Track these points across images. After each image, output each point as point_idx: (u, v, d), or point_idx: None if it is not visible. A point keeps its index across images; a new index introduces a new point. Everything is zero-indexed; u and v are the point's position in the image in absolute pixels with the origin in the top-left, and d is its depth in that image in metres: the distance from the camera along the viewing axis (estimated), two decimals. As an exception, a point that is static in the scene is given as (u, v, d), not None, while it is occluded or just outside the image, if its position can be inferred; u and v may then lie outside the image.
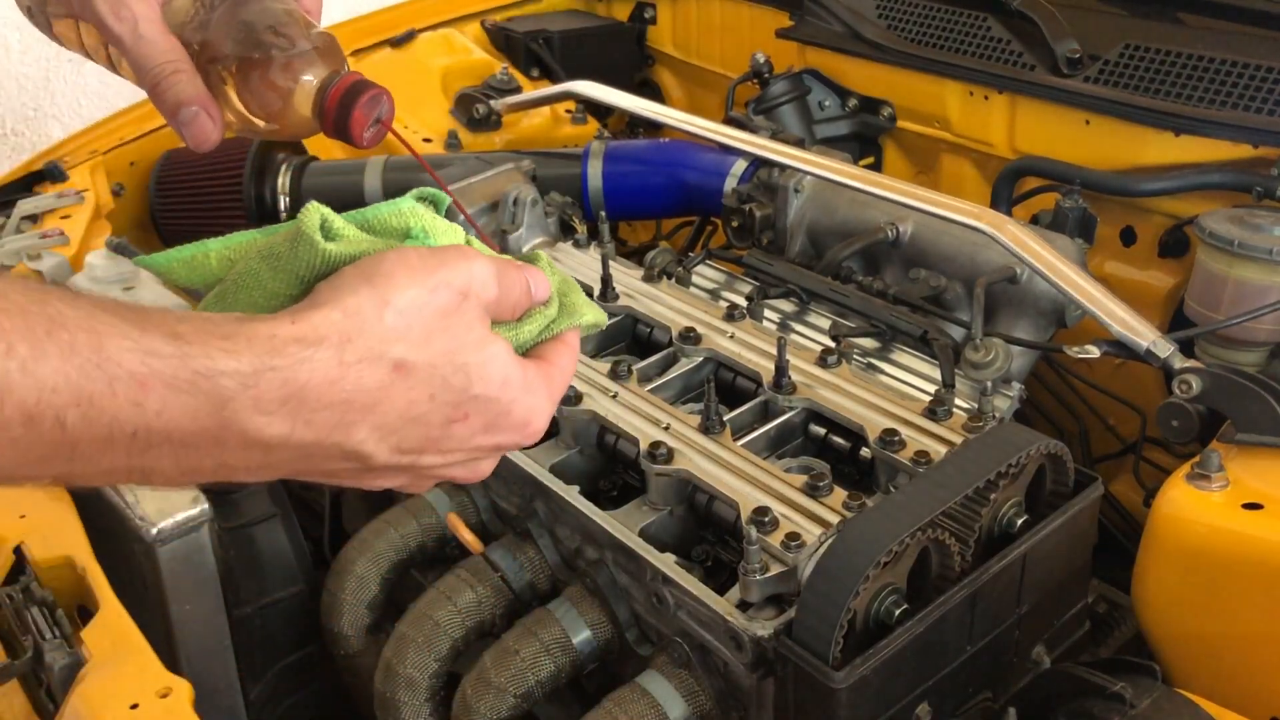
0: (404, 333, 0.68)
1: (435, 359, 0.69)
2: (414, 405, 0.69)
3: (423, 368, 0.69)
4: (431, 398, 0.70)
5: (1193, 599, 1.19)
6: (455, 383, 0.70)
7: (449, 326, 0.71)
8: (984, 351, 1.38)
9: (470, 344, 0.71)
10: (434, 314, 0.70)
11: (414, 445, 0.71)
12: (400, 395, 0.69)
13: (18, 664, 1.20)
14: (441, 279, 0.71)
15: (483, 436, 0.74)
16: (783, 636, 1.01)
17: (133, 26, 0.91)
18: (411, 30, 2.54)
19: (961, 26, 1.95)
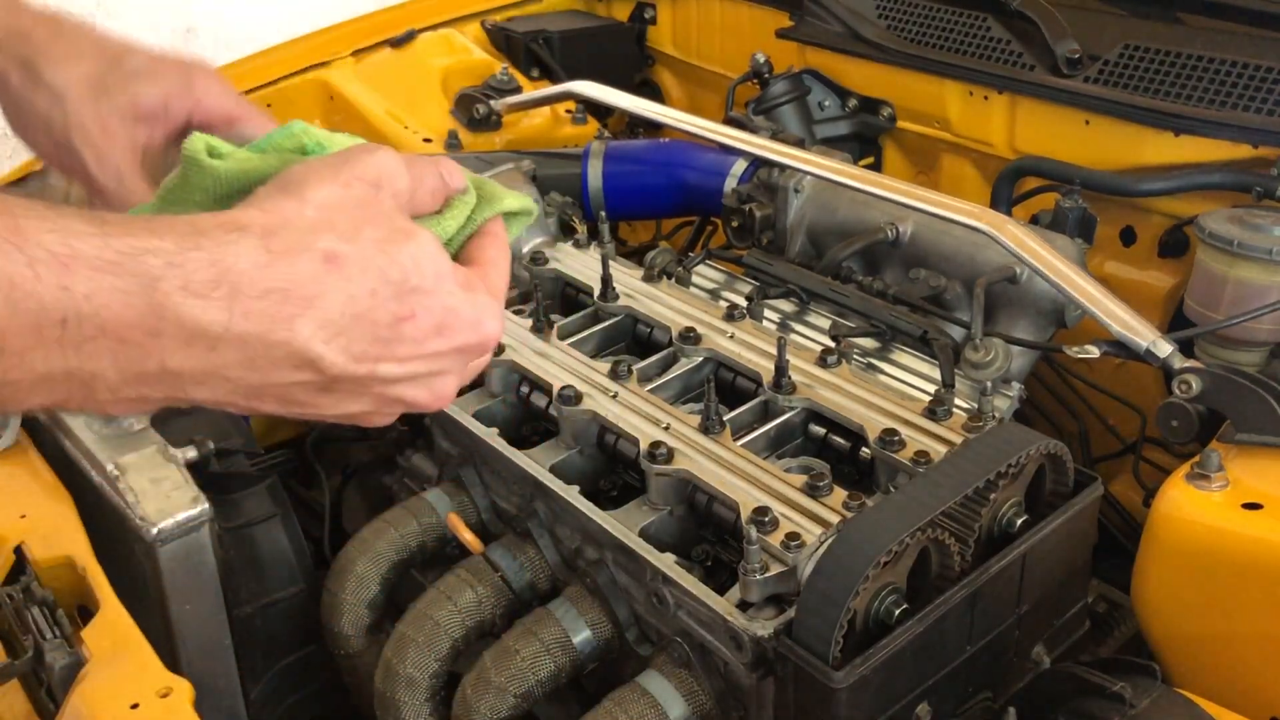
0: (328, 225, 0.68)
1: (365, 250, 0.68)
2: (355, 300, 0.68)
3: (354, 259, 0.68)
4: (373, 293, 0.68)
5: (1192, 599, 1.19)
6: (392, 275, 0.69)
7: (371, 217, 0.70)
8: (984, 351, 1.38)
9: (397, 233, 0.71)
10: (354, 206, 0.70)
11: (366, 348, 0.69)
12: (338, 288, 0.67)
13: (18, 664, 1.20)
14: (352, 173, 0.72)
15: (436, 340, 0.72)
16: (783, 636, 1.01)
17: (116, 178, 0.94)
18: (412, 30, 2.54)
19: (961, 27, 1.95)
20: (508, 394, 1.42)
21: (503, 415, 1.41)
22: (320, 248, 0.67)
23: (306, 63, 2.44)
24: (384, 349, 0.70)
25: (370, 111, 2.33)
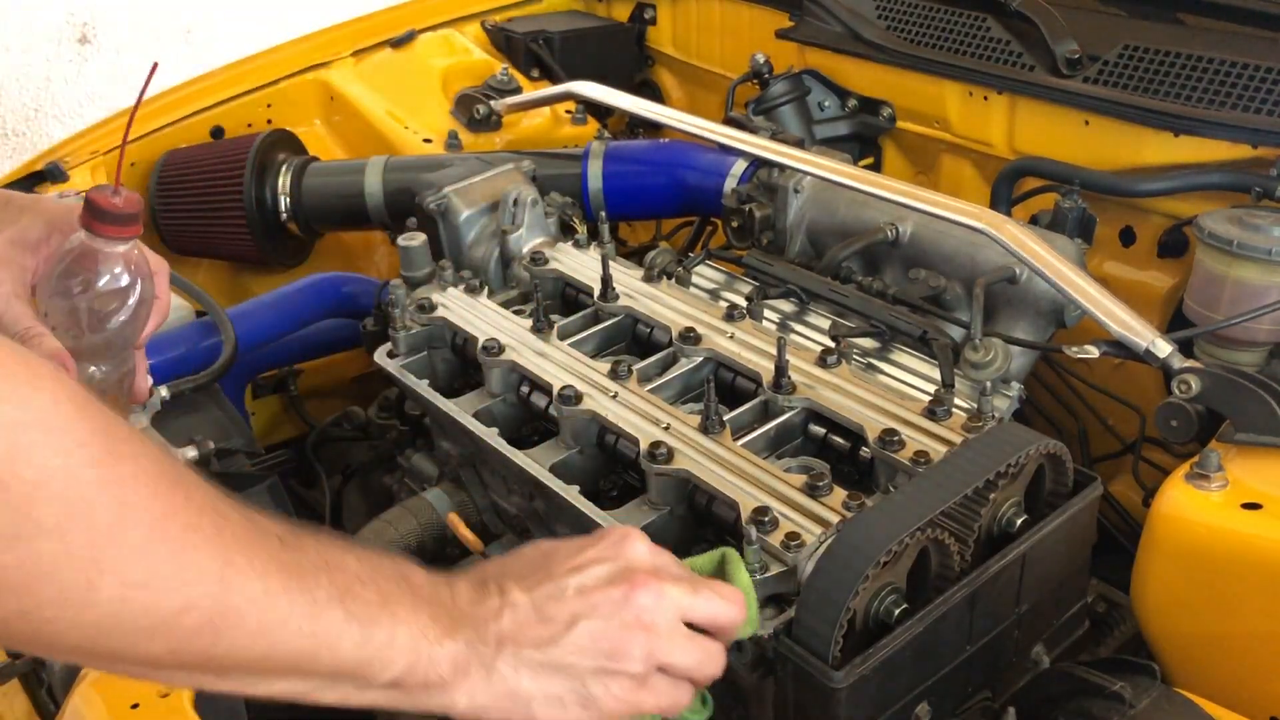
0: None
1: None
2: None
3: None
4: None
5: (1192, 599, 1.19)
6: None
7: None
8: (983, 351, 1.38)
9: None
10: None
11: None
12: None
13: (19, 664, 1.21)
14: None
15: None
16: (782, 636, 1.01)
17: (4, 300, 1.07)
18: (412, 31, 2.55)
19: (961, 27, 1.95)
20: (508, 394, 1.42)
21: (503, 415, 1.41)
22: None
23: (306, 63, 2.44)
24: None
25: (370, 111, 2.34)
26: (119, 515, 0.65)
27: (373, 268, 2.33)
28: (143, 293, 1.12)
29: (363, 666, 0.78)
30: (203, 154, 2.23)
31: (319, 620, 0.75)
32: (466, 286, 1.57)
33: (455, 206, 1.68)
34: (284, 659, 0.74)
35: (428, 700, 0.83)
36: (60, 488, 0.62)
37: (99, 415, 0.66)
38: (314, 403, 2.07)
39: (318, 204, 2.13)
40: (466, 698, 0.84)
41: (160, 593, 0.67)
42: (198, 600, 0.68)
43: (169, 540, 0.68)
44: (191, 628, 0.68)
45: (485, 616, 0.86)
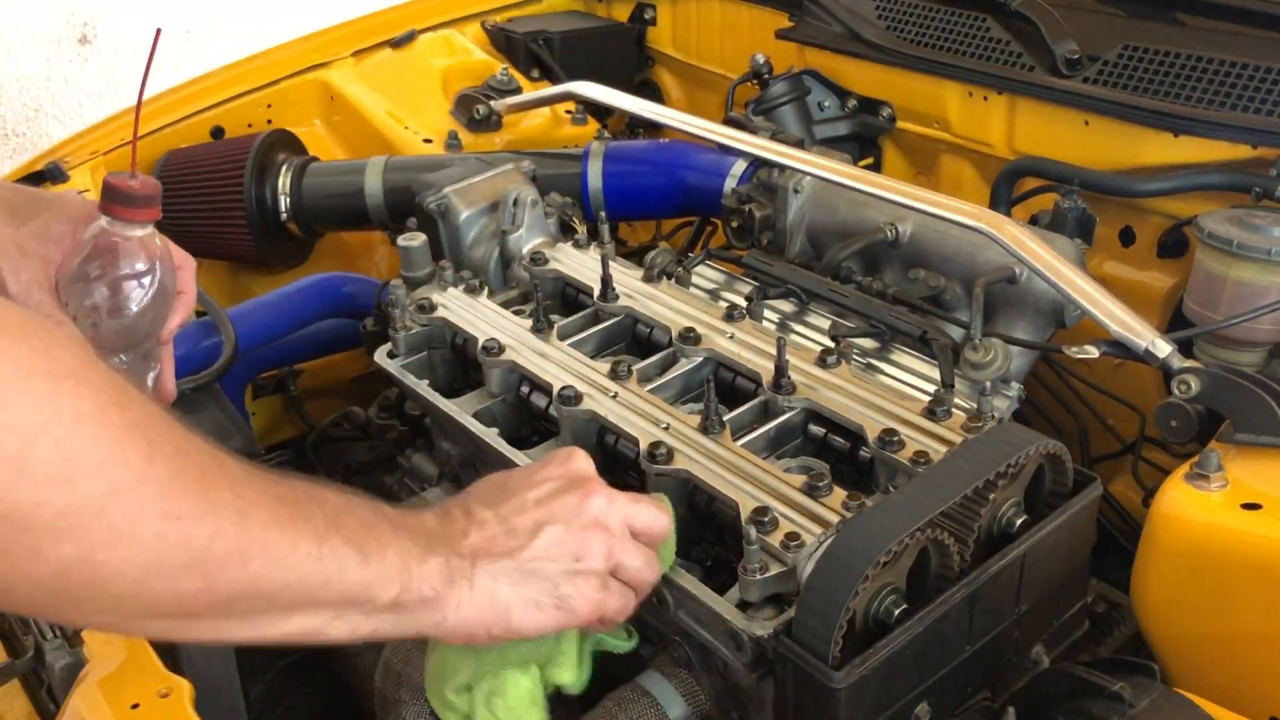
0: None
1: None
2: None
3: None
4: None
5: (1191, 599, 1.20)
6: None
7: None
8: (983, 352, 1.39)
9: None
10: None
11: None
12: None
13: (19, 664, 1.21)
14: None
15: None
16: (782, 636, 1.01)
17: (28, 290, 1.10)
18: (412, 31, 2.55)
19: (961, 27, 1.95)
20: (508, 394, 1.42)
21: (503, 415, 1.41)
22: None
23: (306, 63, 2.44)
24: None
25: (370, 112, 2.34)
26: (148, 453, 0.69)
27: (373, 268, 2.33)
28: (163, 281, 1.13)
29: (366, 589, 0.83)
30: (203, 154, 2.23)
31: (323, 545, 0.79)
32: (466, 286, 1.57)
33: (455, 206, 1.68)
34: (298, 588, 0.78)
35: (423, 618, 0.88)
36: (97, 427, 0.67)
37: (104, 370, 0.71)
38: (314, 403, 2.07)
39: (318, 204, 2.13)
40: (454, 612, 0.89)
41: (191, 522, 0.71)
42: (223, 528, 0.73)
43: (190, 473, 0.72)
44: (220, 556, 0.72)
45: (456, 535, 0.93)
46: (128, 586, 0.70)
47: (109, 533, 0.67)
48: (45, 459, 0.64)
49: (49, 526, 0.65)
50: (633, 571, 1.00)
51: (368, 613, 0.84)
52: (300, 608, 0.80)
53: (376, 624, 0.86)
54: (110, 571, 0.68)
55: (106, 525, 0.67)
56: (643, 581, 1.01)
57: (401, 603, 0.86)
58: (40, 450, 0.64)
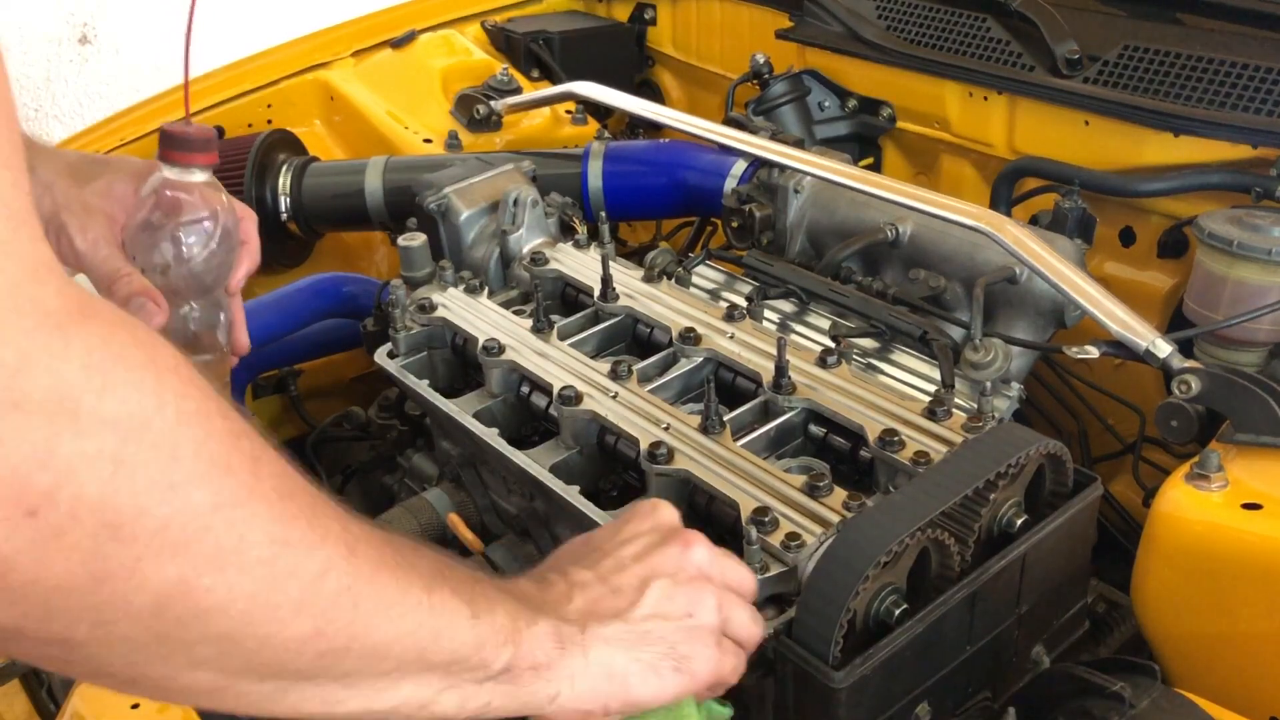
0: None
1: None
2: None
3: None
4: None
5: (1192, 599, 1.20)
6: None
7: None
8: (983, 352, 1.38)
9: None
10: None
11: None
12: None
13: (19, 664, 1.21)
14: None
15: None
16: (782, 636, 1.01)
17: (95, 247, 1.13)
18: (412, 31, 2.55)
19: (961, 27, 1.95)
20: (508, 394, 1.42)
21: (503, 415, 1.41)
22: None
23: (306, 63, 2.44)
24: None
25: (370, 112, 2.34)
26: (254, 469, 0.62)
27: (373, 268, 2.33)
28: (227, 227, 1.15)
29: (479, 649, 0.74)
30: (203, 154, 2.22)
31: (432, 594, 0.72)
32: (466, 287, 1.57)
33: (455, 206, 1.68)
34: (408, 641, 0.70)
35: (538, 691, 0.79)
36: (202, 431, 0.59)
37: (200, 373, 0.63)
38: (314, 403, 2.07)
39: (318, 204, 2.13)
40: (569, 684, 0.80)
41: (302, 551, 0.63)
42: (335, 561, 0.65)
43: (300, 497, 0.65)
44: (331, 595, 0.65)
45: (558, 599, 0.85)
46: (232, 625, 0.61)
47: (215, 552, 0.59)
48: (146, 460, 0.56)
49: (152, 540, 0.56)
50: (740, 627, 0.92)
51: (480, 680, 0.75)
52: (410, 671, 0.71)
53: (489, 696, 0.76)
54: (215, 603, 0.59)
55: (213, 543, 0.59)
56: (752, 638, 0.94)
57: (514, 669, 0.77)
58: (141, 450, 0.56)
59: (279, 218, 2.15)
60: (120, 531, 0.55)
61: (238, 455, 0.61)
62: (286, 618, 0.63)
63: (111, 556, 0.55)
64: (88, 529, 0.54)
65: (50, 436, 0.52)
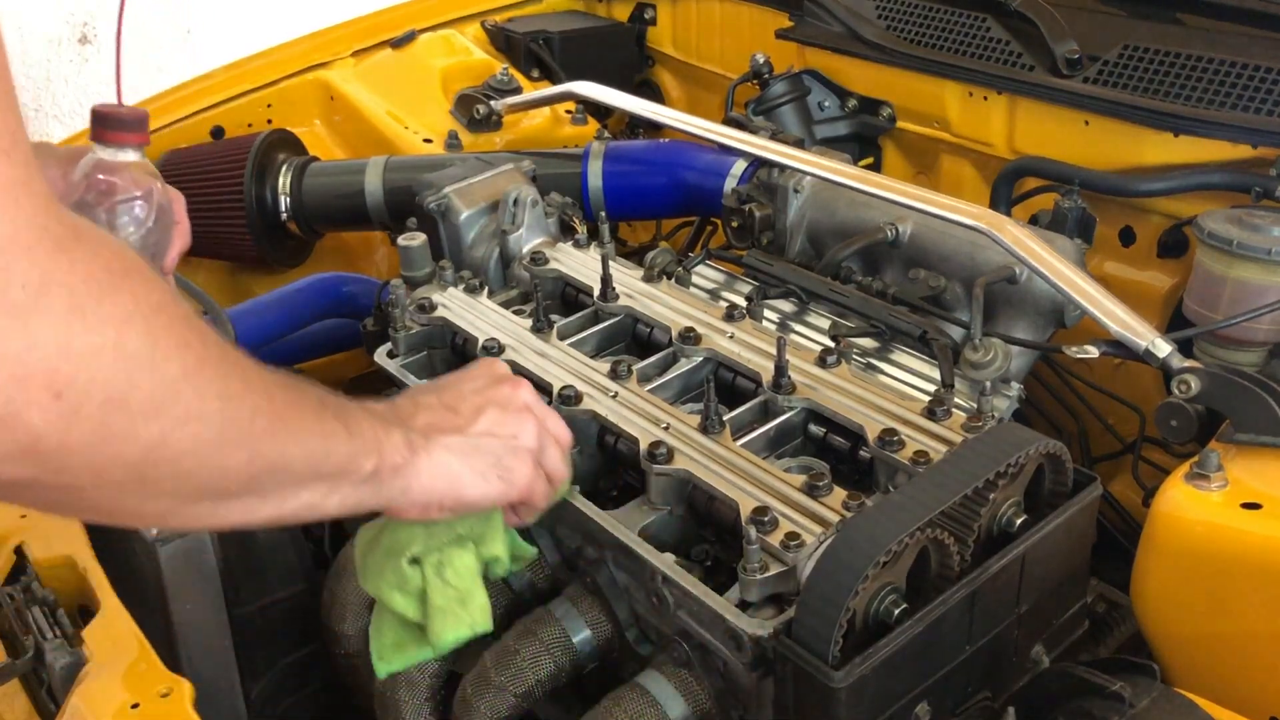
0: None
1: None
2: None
3: None
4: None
5: (1191, 599, 1.19)
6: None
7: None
8: (983, 351, 1.38)
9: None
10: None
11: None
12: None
13: (19, 663, 1.21)
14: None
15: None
16: (782, 636, 1.01)
17: None
18: (412, 31, 2.55)
19: (961, 27, 1.95)
20: (508, 394, 1.42)
21: (503, 415, 1.41)
22: None
23: (306, 63, 2.44)
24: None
25: (370, 111, 2.34)
26: (203, 341, 0.77)
27: (373, 268, 2.33)
28: (161, 207, 1.16)
29: (354, 459, 0.92)
30: (203, 154, 2.22)
31: (322, 421, 0.89)
32: (466, 286, 1.57)
33: (455, 206, 1.68)
34: (308, 459, 0.87)
35: (393, 486, 0.96)
36: (169, 317, 0.74)
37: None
38: (314, 403, 2.07)
39: (318, 204, 2.13)
40: (417, 479, 0.98)
41: (239, 401, 0.79)
42: (260, 405, 0.82)
43: (231, 359, 0.80)
44: (259, 431, 0.81)
45: (408, 416, 1.02)
46: (193, 464, 0.77)
47: (184, 411, 0.75)
48: (135, 345, 0.71)
49: (142, 407, 0.71)
50: (552, 461, 1.11)
51: (355, 483, 0.92)
52: (307, 481, 0.88)
53: (361, 495, 0.94)
54: (183, 449, 0.75)
55: (182, 405, 0.74)
56: (559, 474, 1.13)
57: (379, 472, 0.94)
58: (131, 338, 0.71)
59: (279, 218, 2.15)
60: (120, 403, 0.70)
61: (191, 333, 0.76)
62: (230, 451, 0.80)
63: (114, 423, 0.70)
64: (97, 403, 0.69)
65: (68, 335, 0.67)
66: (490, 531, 1.09)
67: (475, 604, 1.07)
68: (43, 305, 0.65)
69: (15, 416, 0.65)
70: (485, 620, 1.08)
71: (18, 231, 0.64)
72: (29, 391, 0.65)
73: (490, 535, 1.09)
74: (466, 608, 1.07)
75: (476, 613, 1.07)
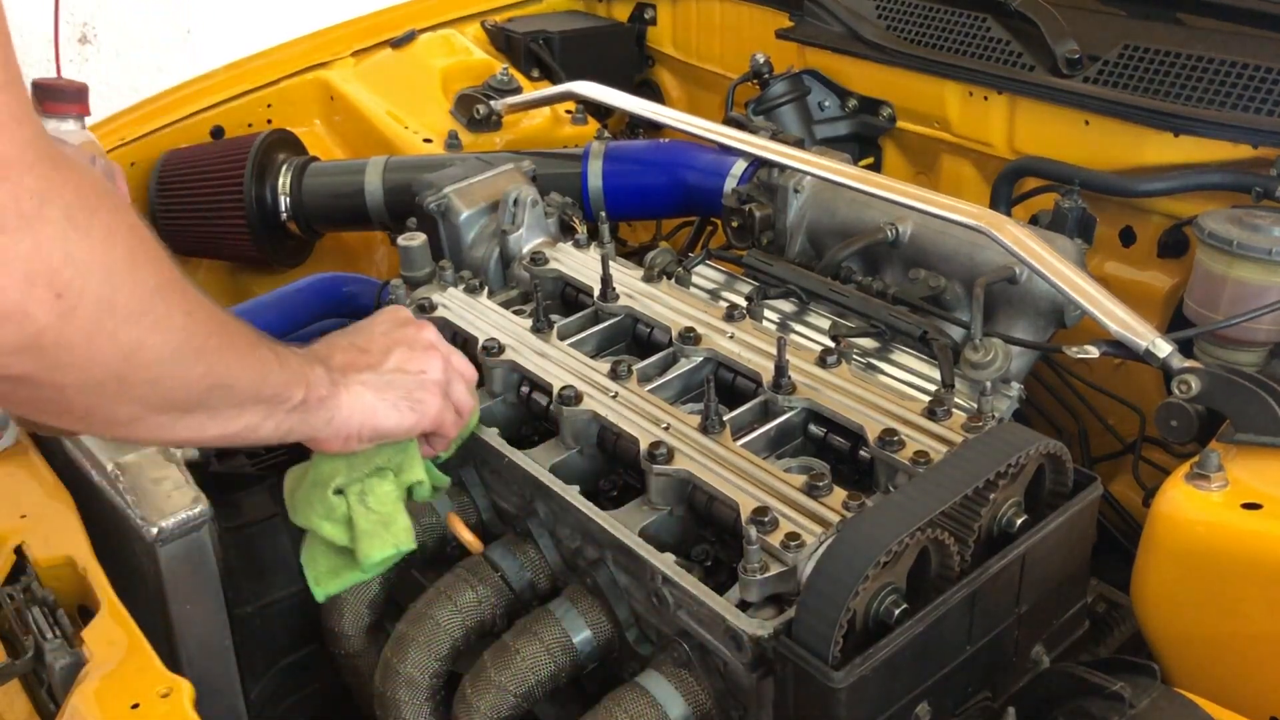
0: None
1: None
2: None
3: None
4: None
5: (1192, 599, 1.19)
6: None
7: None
8: (983, 352, 1.38)
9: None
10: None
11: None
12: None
13: (19, 664, 1.21)
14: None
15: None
16: (782, 636, 1.01)
17: None
18: (412, 31, 2.54)
19: (961, 27, 1.95)
20: (508, 394, 1.42)
21: (503, 415, 1.41)
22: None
23: (306, 63, 2.44)
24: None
25: (370, 111, 2.34)
26: (169, 262, 0.86)
27: (373, 268, 2.33)
28: (105, 173, 1.24)
29: (286, 387, 1.01)
30: (203, 154, 2.22)
31: (258, 350, 0.98)
32: (466, 286, 1.57)
33: (455, 206, 1.68)
34: (249, 381, 0.97)
35: (318, 417, 1.06)
36: (142, 238, 0.83)
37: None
38: (314, 403, 2.07)
39: (318, 204, 2.13)
40: (339, 411, 1.08)
41: (200, 317, 0.88)
42: (215, 325, 0.91)
43: (187, 286, 0.88)
44: (215, 347, 0.91)
45: (325, 355, 1.11)
46: (160, 370, 0.86)
47: (155, 320, 0.83)
48: (119, 256, 0.79)
49: (125, 311, 0.80)
50: (459, 394, 1.21)
51: (287, 411, 1.02)
52: (249, 403, 0.98)
53: (291, 423, 1.03)
54: (154, 356, 0.84)
55: (155, 314, 0.83)
56: (465, 405, 1.23)
57: (307, 401, 1.03)
58: (117, 250, 0.79)
59: (279, 217, 2.15)
60: (109, 305, 0.78)
61: (160, 253, 0.85)
62: (190, 363, 0.89)
63: (103, 323, 0.79)
64: (90, 304, 0.77)
65: (66, 243, 0.75)
66: (407, 460, 1.19)
67: (398, 526, 1.17)
68: (46, 215, 0.73)
69: (23, 312, 0.73)
70: (408, 539, 1.17)
71: (23, 151, 0.72)
72: (35, 289, 0.73)
73: (408, 464, 1.19)
74: (390, 529, 1.16)
75: (400, 534, 1.17)
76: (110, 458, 1.32)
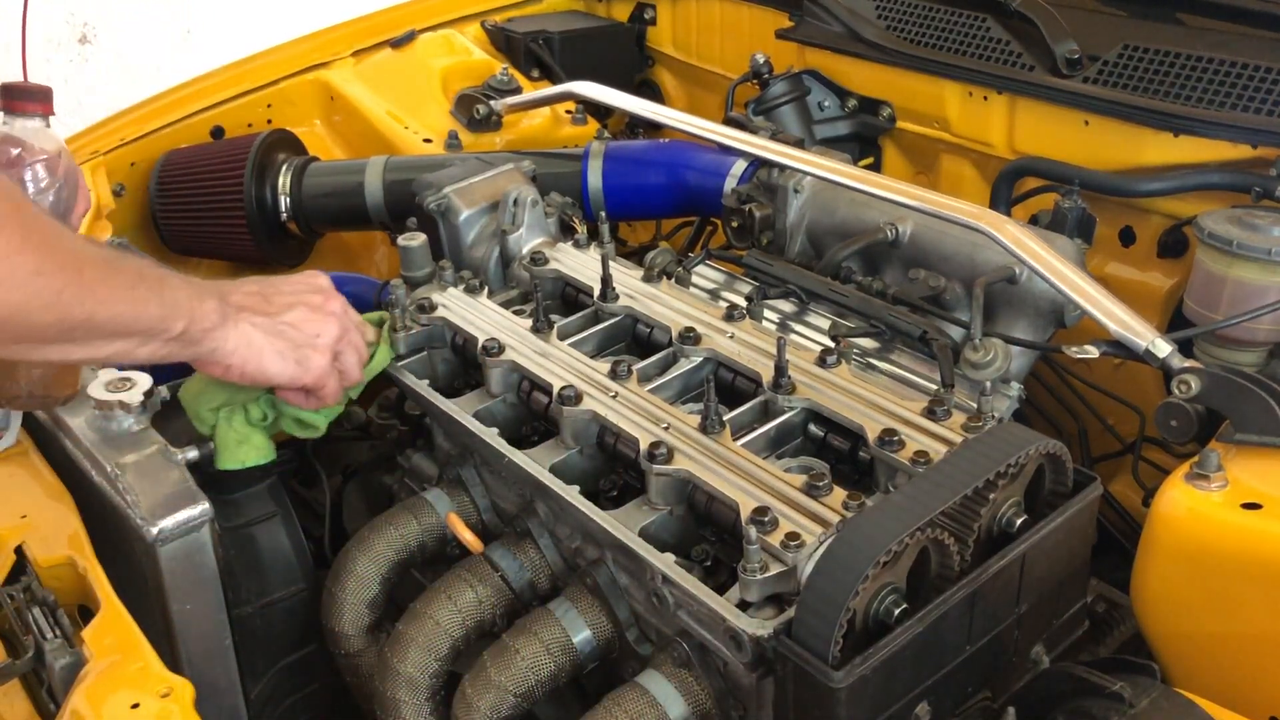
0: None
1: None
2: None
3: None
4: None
5: (1191, 599, 1.20)
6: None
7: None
8: (983, 351, 1.39)
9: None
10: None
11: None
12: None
13: (19, 664, 1.21)
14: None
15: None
16: (782, 636, 1.01)
17: None
18: (412, 31, 2.54)
19: (961, 27, 1.95)
20: (508, 394, 1.42)
21: (503, 415, 1.41)
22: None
23: (306, 63, 2.44)
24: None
25: (370, 111, 2.34)
26: (25, 231, 0.99)
27: (373, 268, 2.33)
28: (68, 170, 1.35)
29: (163, 320, 1.13)
30: (203, 154, 2.22)
31: (134, 290, 1.10)
32: (466, 286, 1.57)
33: (455, 206, 1.68)
34: (116, 321, 1.09)
35: (200, 345, 1.18)
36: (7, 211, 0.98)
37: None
38: (314, 403, 2.07)
39: (318, 204, 2.13)
40: (224, 342, 1.20)
41: (49, 277, 1.01)
42: (70, 281, 1.03)
43: (55, 246, 1.02)
44: (67, 301, 1.03)
45: (224, 293, 1.23)
46: (7, 314, 1.00)
47: (12, 278, 0.98)
48: (25, 235, 0.98)
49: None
50: (349, 362, 1.35)
51: (164, 341, 1.14)
52: (118, 336, 1.10)
53: (170, 349, 1.16)
54: (12, 310, 0.99)
55: (11, 273, 0.98)
56: (351, 375, 1.37)
57: (189, 332, 1.16)
58: (27, 231, 0.99)
59: (279, 218, 2.15)
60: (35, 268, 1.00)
61: (14, 224, 0.98)
62: (39, 313, 1.02)
63: (35, 285, 1.00)
64: (20, 269, 0.99)
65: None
66: (282, 410, 1.38)
67: (251, 443, 1.38)
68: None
69: None
70: (259, 456, 1.38)
71: None
72: None
73: (282, 413, 1.39)
74: (242, 446, 1.37)
75: (250, 450, 1.37)
76: (110, 458, 1.32)
